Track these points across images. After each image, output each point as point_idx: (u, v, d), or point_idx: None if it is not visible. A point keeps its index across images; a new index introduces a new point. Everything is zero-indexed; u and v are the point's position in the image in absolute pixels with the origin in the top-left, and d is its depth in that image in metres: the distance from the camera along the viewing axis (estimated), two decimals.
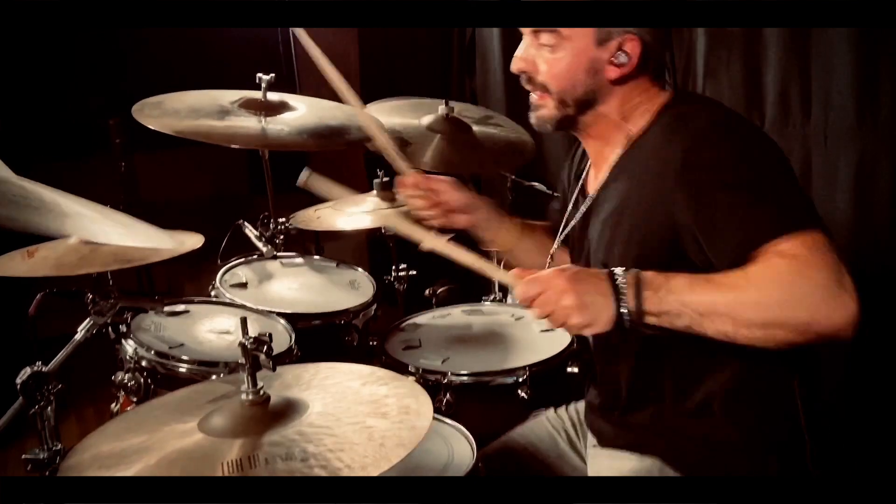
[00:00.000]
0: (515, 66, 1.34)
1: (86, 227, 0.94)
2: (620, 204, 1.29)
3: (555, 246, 1.52)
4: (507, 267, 1.59)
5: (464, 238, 1.55)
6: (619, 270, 1.15)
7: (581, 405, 1.57)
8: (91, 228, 0.96)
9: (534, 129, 1.48)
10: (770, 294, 1.08)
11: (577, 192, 1.48)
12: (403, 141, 1.92)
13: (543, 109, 1.34)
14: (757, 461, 1.28)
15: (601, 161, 1.38)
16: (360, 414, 1.06)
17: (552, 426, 1.56)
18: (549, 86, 1.31)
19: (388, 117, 2.01)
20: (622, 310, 1.12)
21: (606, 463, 1.40)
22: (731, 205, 1.13)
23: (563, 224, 1.50)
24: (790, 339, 1.09)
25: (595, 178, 1.41)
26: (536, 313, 1.18)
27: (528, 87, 1.35)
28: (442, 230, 1.52)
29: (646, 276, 1.13)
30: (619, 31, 1.24)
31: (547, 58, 1.30)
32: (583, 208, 1.41)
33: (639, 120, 1.31)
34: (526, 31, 1.33)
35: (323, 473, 0.93)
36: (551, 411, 1.60)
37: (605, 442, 1.42)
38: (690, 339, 1.13)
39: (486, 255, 1.43)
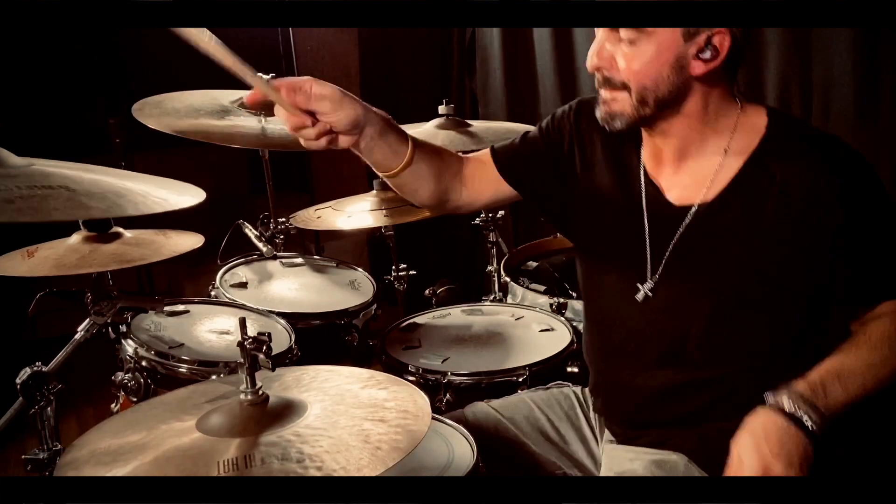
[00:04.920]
0: (591, 63, 1.23)
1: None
2: (747, 224, 1.24)
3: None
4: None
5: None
6: (787, 403, 1.13)
7: None
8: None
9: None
10: None
11: (631, 184, 1.36)
12: None
13: (615, 104, 1.24)
14: None
15: (683, 164, 1.30)
16: (358, 417, 1.06)
17: (577, 402, 1.53)
18: (630, 83, 1.20)
19: None
20: (814, 435, 1.13)
21: (626, 456, 1.37)
22: (884, 260, 1.22)
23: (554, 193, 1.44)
24: None
25: (671, 179, 1.32)
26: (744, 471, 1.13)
27: (603, 87, 1.25)
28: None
29: (806, 393, 1.14)
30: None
31: (626, 53, 1.19)
32: (685, 223, 1.28)
33: (733, 132, 1.26)
34: (600, 29, 1.23)
35: (318, 475, 0.93)
36: (578, 389, 1.56)
37: (624, 441, 1.40)
38: (753, 361, 1.23)
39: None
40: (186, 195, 1.38)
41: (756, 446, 1.12)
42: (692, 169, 1.29)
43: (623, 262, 1.36)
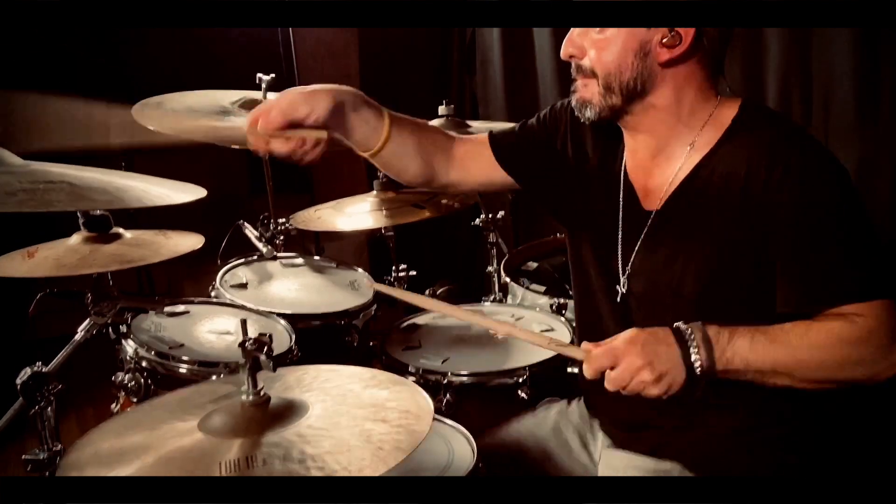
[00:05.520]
0: (564, 51, 1.26)
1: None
2: (698, 225, 1.22)
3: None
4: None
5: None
6: (685, 329, 1.14)
7: None
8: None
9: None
10: (831, 357, 1.13)
11: (612, 183, 1.36)
12: None
13: (585, 91, 1.26)
14: (781, 460, 1.27)
15: (655, 163, 1.30)
16: (359, 417, 1.06)
17: (565, 419, 1.52)
18: (596, 69, 1.23)
19: None
20: (696, 371, 1.12)
21: (622, 464, 1.37)
22: (829, 261, 1.14)
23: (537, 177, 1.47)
24: (841, 387, 1.16)
25: (645, 180, 1.32)
26: (610, 385, 1.15)
27: (576, 75, 1.27)
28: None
29: (711, 333, 1.13)
30: None
31: (595, 39, 1.22)
32: (647, 226, 1.29)
33: (702, 128, 1.24)
34: None
35: (320, 475, 0.93)
36: (563, 403, 1.56)
37: (621, 445, 1.40)
38: None
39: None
40: (186, 192, 1.39)
41: (627, 348, 1.12)
42: (662, 169, 1.29)
43: (602, 263, 1.37)
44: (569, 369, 1.76)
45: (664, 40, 1.18)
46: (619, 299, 1.33)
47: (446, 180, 1.49)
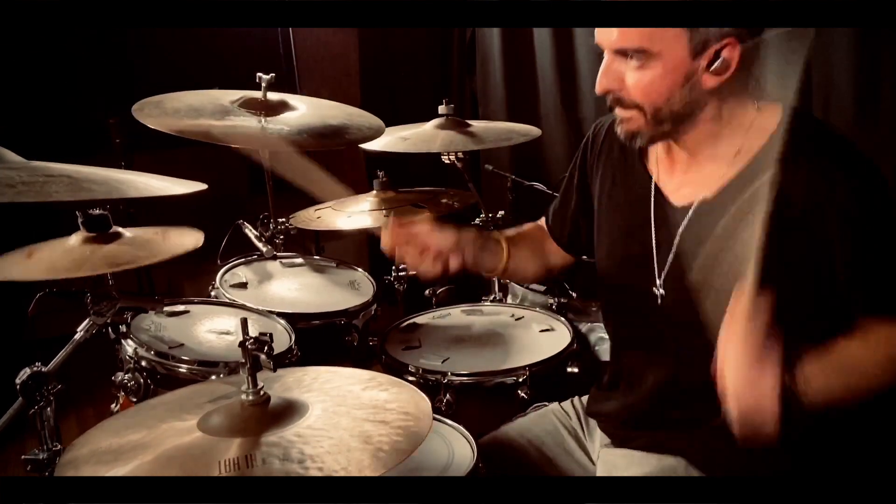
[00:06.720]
0: (600, 86, 1.24)
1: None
2: (739, 229, 1.22)
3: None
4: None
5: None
6: None
7: (585, 398, 1.55)
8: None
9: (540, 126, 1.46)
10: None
11: (643, 192, 1.38)
12: None
13: (631, 123, 1.25)
14: (779, 460, 1.27)
15: (692, 170, 1.31)
16: (359, 418, 1.06)
17: (559, 420, 1.53)
18: (643, 103, 1.22)
19: None
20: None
21: (622, 462, 1.37)
22: (882, 277, 1.18)
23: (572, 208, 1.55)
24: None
25: (677, 183, 1.34)
26: None
27: (616, 107, 1.26)
28: (438, 279, 1.45)
29: None
30: (716, 37, 1.16)
31: (636, 76, 1.20)
32: (685, 221, 1.30)
33: (746, 133, 1.25)
34: (607, 51, 1.23)
35: (319, 476, 0.93)
36: (556, 405, 1.57)
37: (621, 444, 1.40)
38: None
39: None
40: (186, 185, 1.39)
41: None
42: (702, 169, 1.30)
43: (638, 267, 1.37)
44: (568, 369, 1.76)
45: (711, 68, 1.18)
46: (658, 302, 1.33)
47: (557, 267, 1.65)
